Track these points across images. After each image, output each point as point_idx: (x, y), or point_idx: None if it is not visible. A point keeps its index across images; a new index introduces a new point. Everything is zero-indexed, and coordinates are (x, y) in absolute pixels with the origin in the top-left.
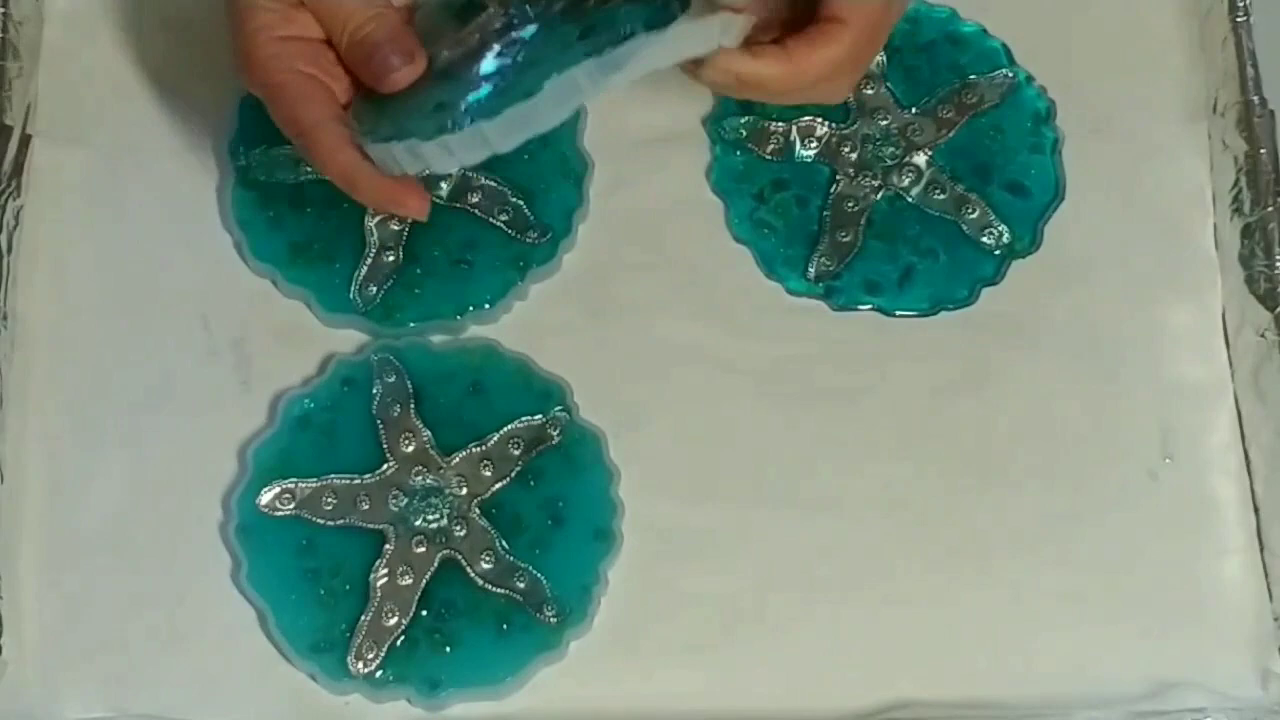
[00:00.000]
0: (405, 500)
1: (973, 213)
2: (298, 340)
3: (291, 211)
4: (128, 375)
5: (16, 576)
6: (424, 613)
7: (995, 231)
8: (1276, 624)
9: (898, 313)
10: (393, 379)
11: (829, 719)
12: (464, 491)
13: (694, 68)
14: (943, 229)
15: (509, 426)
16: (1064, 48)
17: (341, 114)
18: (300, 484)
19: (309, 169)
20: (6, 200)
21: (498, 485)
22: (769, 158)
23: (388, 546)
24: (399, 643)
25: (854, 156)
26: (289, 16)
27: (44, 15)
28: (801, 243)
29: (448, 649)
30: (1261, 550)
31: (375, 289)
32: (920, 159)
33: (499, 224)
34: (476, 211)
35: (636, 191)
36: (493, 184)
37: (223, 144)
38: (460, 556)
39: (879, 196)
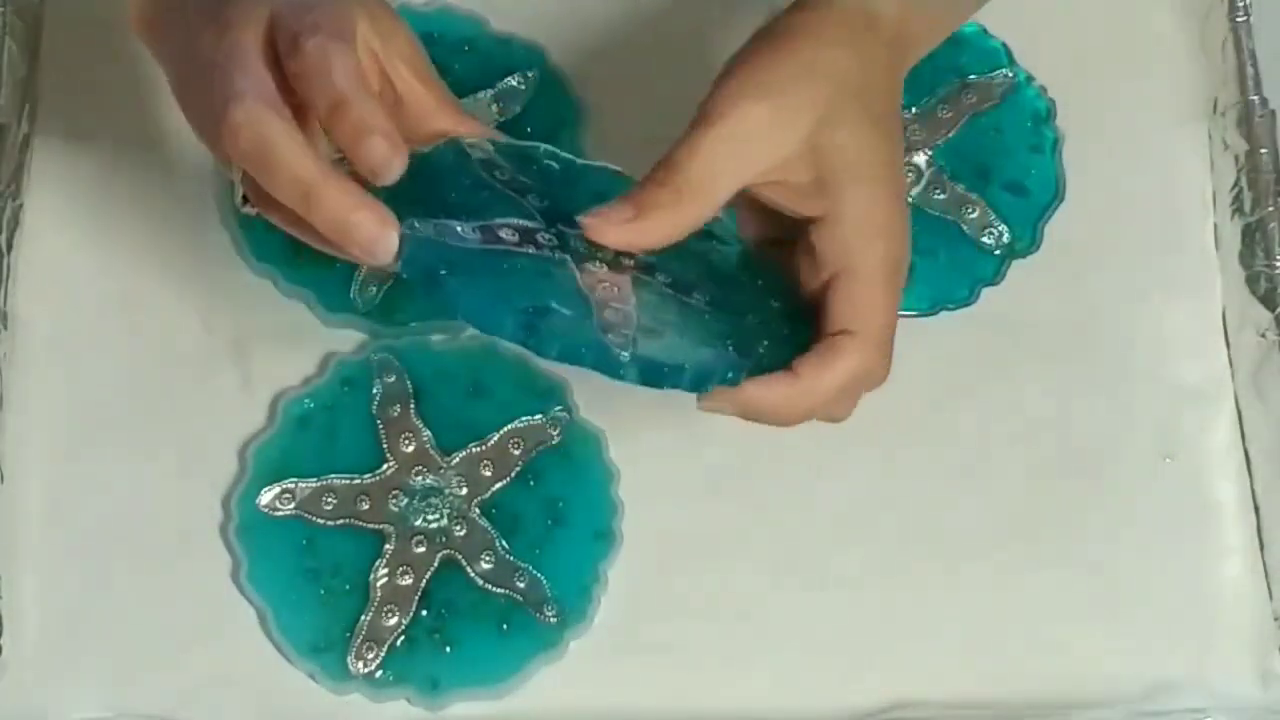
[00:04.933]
0: (405, 500)
1: (973, 213)
2: (298, 340)
3: None
4: (128, 375)
5: (16, 576)
6: (424, 613)
7: (995, 231)
8: (1276, 624)
9: (898, 313)
10: (393, 379)
11: (829, 719)
12: (464, 491)
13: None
14: (943, 229)
15: (509, 426)
16: (1064, 48)
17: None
18: (300, 484)
19: None
20: (6, 200)
21: (498, 485)
22: None
23: (388, 546)
24: (399, 643)
25: None
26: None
27: (44, 15)
28: None
29: (448, 649)
30: (1261, 550)
31: (375, 289)
32: (920, 159)
33: None
34: None
35: None
36: None
37: None
38: (460, 556)
39: None
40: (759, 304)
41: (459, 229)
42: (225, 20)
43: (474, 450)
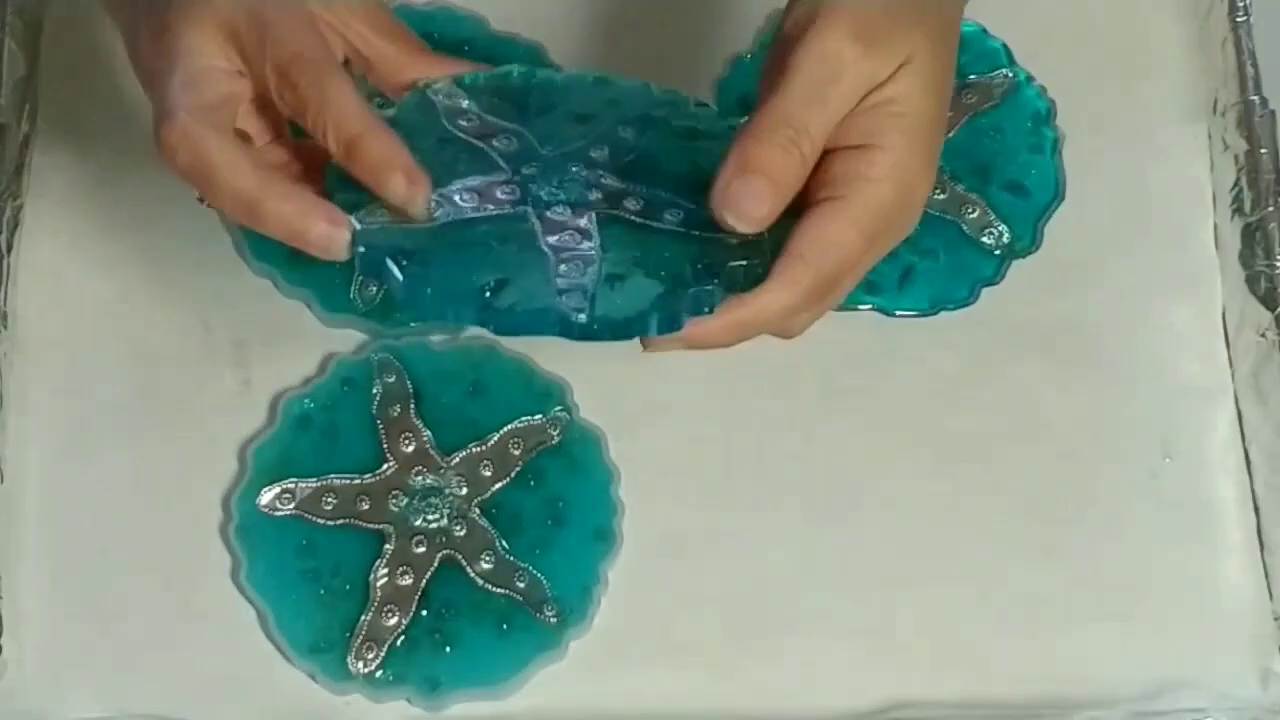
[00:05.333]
0: (405, 500)
1: (973, 213)
2: (298, 340)
3: None
4: (128, 375)
5: (16, 576)
6: (424, 613)
7: (995, 231)
8: (1276, 624)
9: (898, 313)
10: (393, 379)
11: (829, 719)
12: (464, 491)
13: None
14: (943, 229)
15: (509, 426)
16: (1064, 48)
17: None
18: (300, 484)
19: None
20: (6, 200)
21: (498, 485)
22: None
23: (388, 546)
24: (399, 643)
25: None
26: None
27: (44, 15)
28: None
29: (448, 649)
30: (1261, 550)
31: (375, 289)
32: None
33: None
34: None
35: None
36: None
37: None
38: (460, 556)
39: None
40: None
41: None
42: (163, 21)
43: (474, 450)
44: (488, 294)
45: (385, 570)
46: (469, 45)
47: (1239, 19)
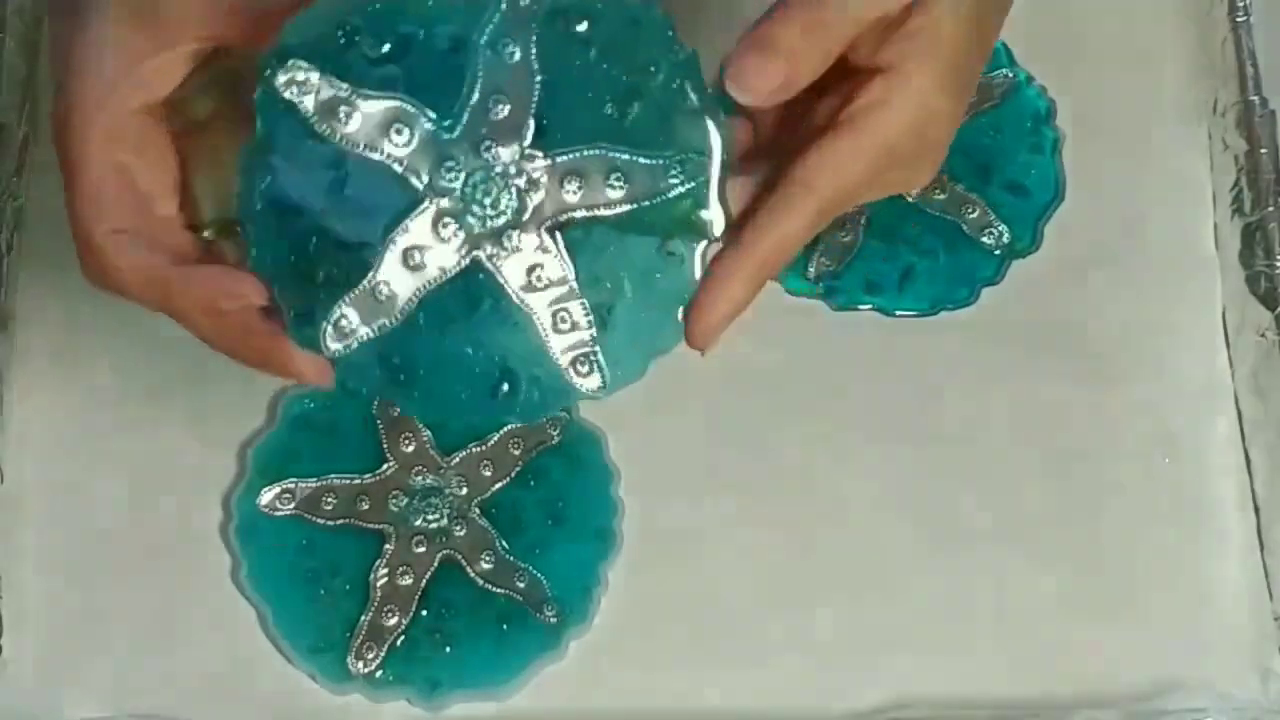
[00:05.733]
0: (405, 500)
1: (973, 213)
2: None
3: None
4: (127, 375)
5: (16, 576)
6: (424, 613)
7: (995, 231)
8: (1277, 624)
9: (898, 313)
10: None
11: (829, 719)
12: (464, 491)
13: None
14: (943, 229)
15: (509, 426)
16: (1064, 48)
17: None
18: (300, 484)
19: None
20: (6, 200)
21: (498, 485)
22: None
23: (388, 546)
24: (399, 643)
25: None
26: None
27: (44, 15)
28: None
29: (448, 649)
30: (1261, 550)
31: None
32: None
33: None
34: None
35: None
36: None
37: None
38: (460, 556)
39: None
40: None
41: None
42: (67, 107)
43: (474, 450)
44: (502, 394)
45: (385, 570)
46: None
47: (1239, 19)
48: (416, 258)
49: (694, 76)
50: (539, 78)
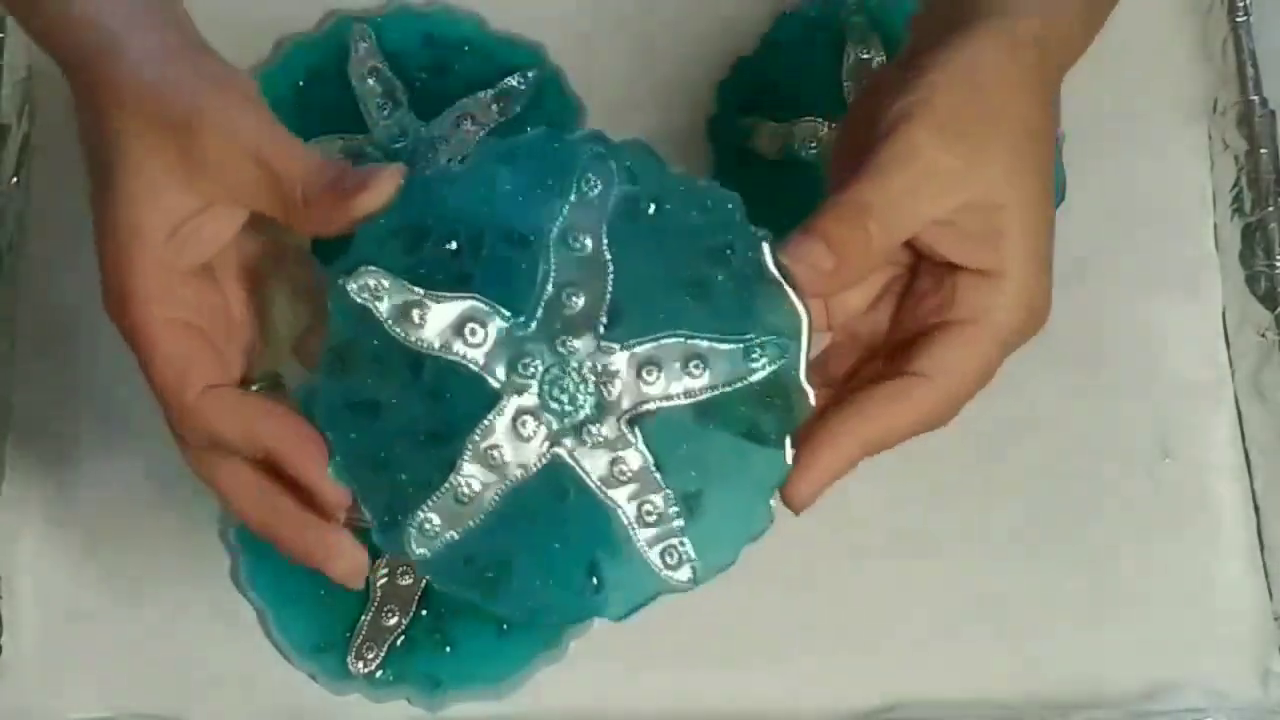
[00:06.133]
0: None
1: None
2: None
3: None
4: (127, 375)
5: (16, 576)
6: (424, 613)
7: None
8: (1277, 624)
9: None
10: None
11: (829, 719)
12: None
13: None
14: None
15: None
16: None
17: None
18: None
19: None
20: (6, 200)
21: None
22: (769, 157)
23: None
24: (399, 643)
25: None
26: (190, 231)
27: None
28: None
29: (448, 649)
30: (1261, 550)
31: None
32: None
33: None
34: None
35: None
36: None
37: None
38: None
39: None
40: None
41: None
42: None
43: None
44: (591, 588)
45: (385, 570)
46: (469, 45)
47: (1239, 19)
48: (497, 457)
49: (769, 256)
50: (612, 268)
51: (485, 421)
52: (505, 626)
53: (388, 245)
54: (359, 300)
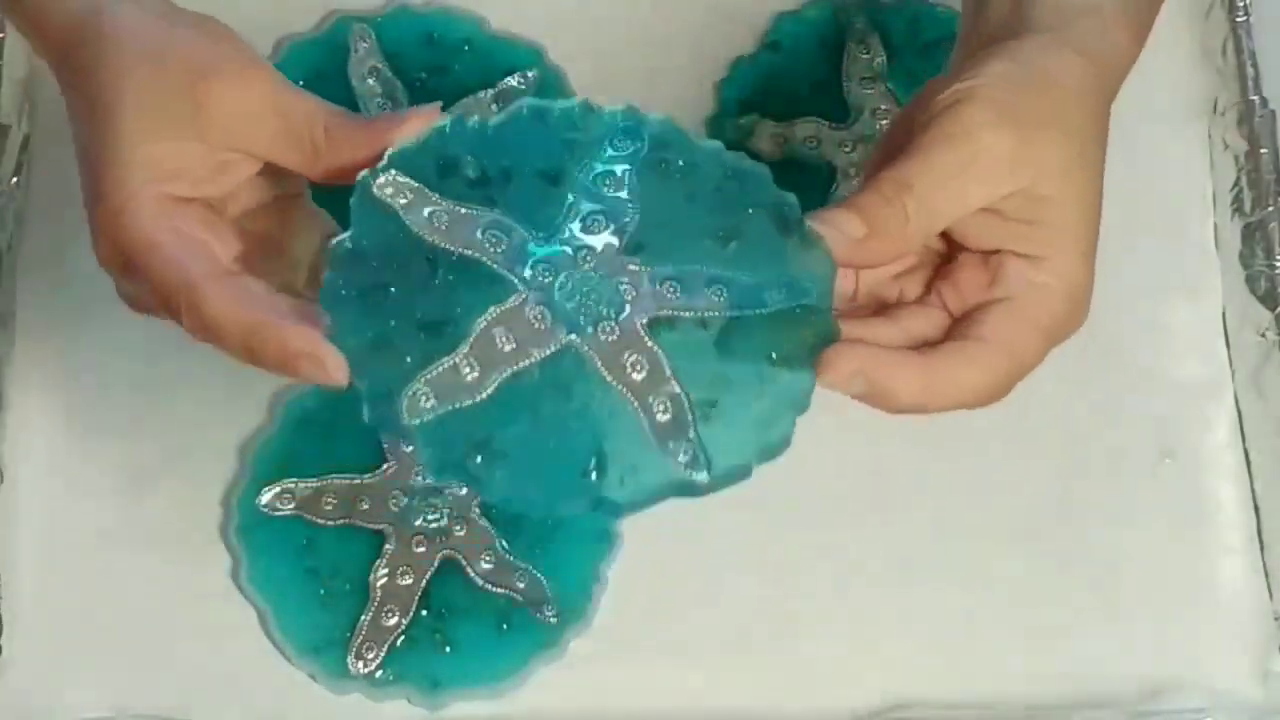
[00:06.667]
0: (405, 500)
1: None
2: None
3: None
4: (128, 375)
5: (16, 576)
6: (424, 613)
7: None
8: (1277, 624)
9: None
10: None
11: (829, 719)
12: (464, 491)
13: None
14: None
15: None
16: None
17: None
18: (300, 484)
19: None
20: (6, 200)
21: None
22: (769, 158)
23: (388, 546)
24: (399, 643)
25: (854, 157)
26: (192, 177)
27: None
28: None
29: (448, 649)
30: (1261, 550)
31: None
32: None
33: None
34: None
35: None
36: None
37: None
38: (460, 556)
39: None
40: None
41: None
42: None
43: None
44: (592, 476)
45: (385, 570)
46: (469, 45)
47: (1239, 19)
48: (503, 340)
49: (794, 215)
50: (639, 207)
51: (496, 309)
52: (505, 626)
53: (419, 164)
54: (383, 196)
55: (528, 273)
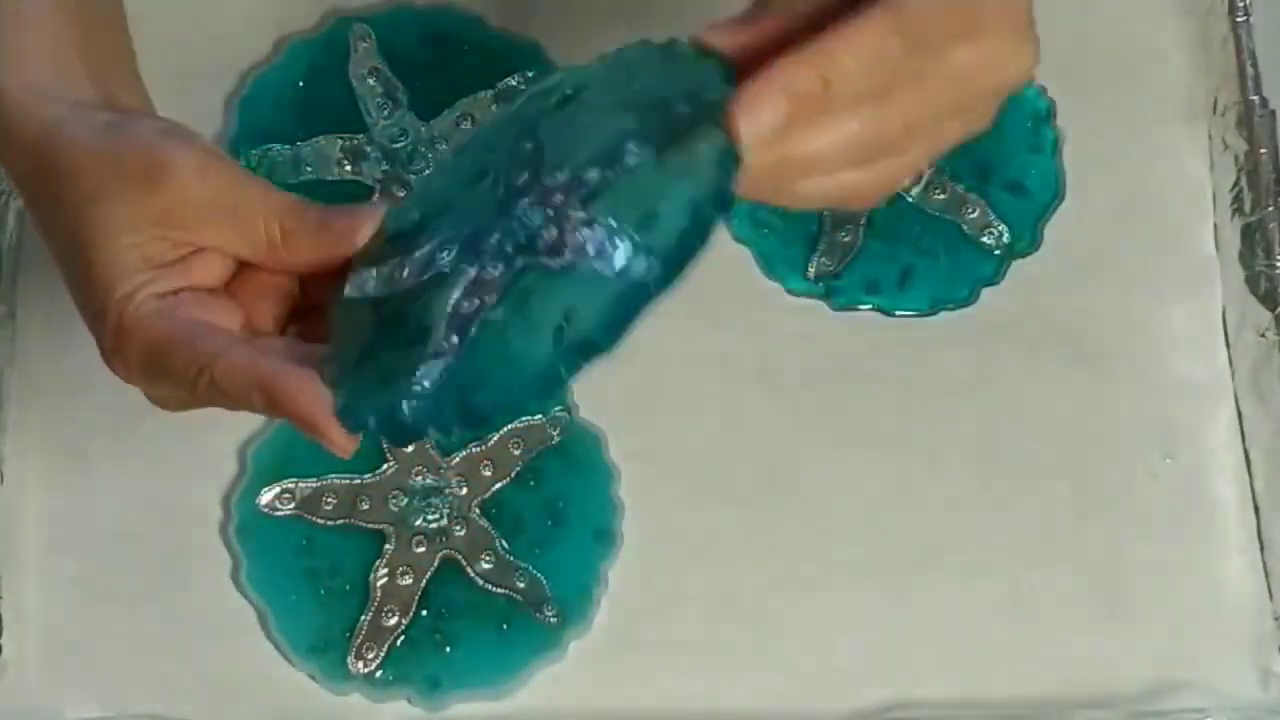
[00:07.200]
0: (405, 500)
1: (973, 213)
2: None
3: None
4: None
5: (17, 576)
6: (424, 613)
7: (995, 231)
8: (1276, 624)
9: (898, 313)
10: None
11: (829, 719)
12: (464, 491)
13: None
14: (943, 229)
15: (509, 426)
16: (1064, 48)
17: (248, 337)
18: (300, 484)
19: (310, 168)
20: (6, 200)
21: (498, 485)
22: None
23: (388, 546)
24: (399, 643)
25: None
26: (172, 270)
27: None
28: (801, 242)
29: (448, 649)
30: (1261, 550)
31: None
32: None
33: None
34: None
35: None
36: None
37: (222, 145)
38: (460, 556)
39: None
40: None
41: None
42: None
43: (474, 450)
44: (564, 340)
45: (385, 570)
46: (469, 45)
47: (1239, 19)
48: (467, 307)
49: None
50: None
51: (454, 293)
52: (505, 626)
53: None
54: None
55: (479, 261)
